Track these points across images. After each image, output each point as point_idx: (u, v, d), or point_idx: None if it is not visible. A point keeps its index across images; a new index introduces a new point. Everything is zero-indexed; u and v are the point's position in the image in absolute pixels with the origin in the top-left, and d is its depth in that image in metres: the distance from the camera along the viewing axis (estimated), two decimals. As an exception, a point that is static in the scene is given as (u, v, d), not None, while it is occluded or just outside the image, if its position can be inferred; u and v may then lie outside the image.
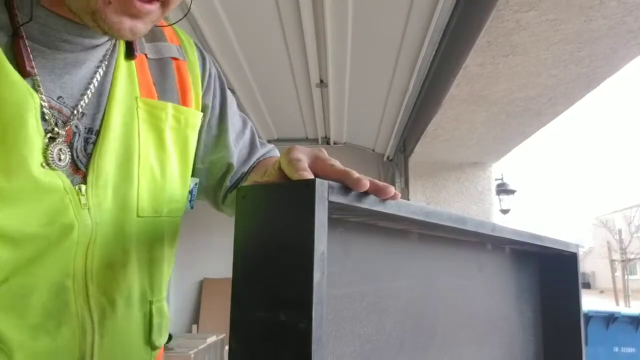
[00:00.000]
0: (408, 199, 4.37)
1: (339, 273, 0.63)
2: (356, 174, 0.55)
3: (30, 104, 0.55)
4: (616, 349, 4.82)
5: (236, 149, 0.84)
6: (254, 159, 0.88)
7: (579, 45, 2.18)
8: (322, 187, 0.51)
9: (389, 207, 0.60)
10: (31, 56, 0.56)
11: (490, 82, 2.61)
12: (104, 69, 0.64)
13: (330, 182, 0.53)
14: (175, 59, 0.73)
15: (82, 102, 0.61)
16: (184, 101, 0.72)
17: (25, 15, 0.56)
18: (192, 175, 0.80)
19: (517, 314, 1.07)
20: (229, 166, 0.83)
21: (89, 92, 0.62)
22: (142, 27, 0.57)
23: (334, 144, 4.89)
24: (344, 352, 0.63)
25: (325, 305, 0.50)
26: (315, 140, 4.86)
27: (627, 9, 1.89)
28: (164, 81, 0.71)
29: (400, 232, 0.75)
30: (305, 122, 4.41)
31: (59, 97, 0.60)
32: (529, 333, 1.10)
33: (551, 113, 3.10)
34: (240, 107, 0.94)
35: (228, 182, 0.84)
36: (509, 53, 2.28)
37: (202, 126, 0.79)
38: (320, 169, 0.58)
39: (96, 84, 0.63)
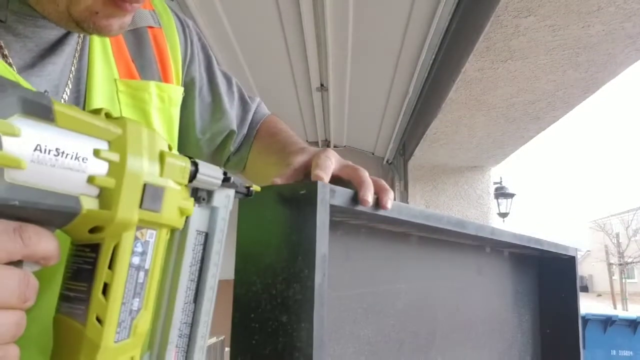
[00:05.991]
0: (407, 202, 4.38)
1: (339, 275, 0.64)
2: (365, 191, 0.57)
3: None
4: (614, 352, 4.82)
5: (232, 111, 0.84)
6: (249, 116, 0.87)
7: (577, 50, 2.20)
8: (324, 190, 0.52)
9: (389, 211, 0.61)
10: (5, 51, 0.51)
11: (489, 86, 2.63)
12: (79, 51, 0.58)
13: (332, 186, 0.54)
14: (150, 27, 0.68)
15: (65, 94, 0.56)
16: (164, 74, 0.68)
17: None
18: (190, 149, 0.79)
19: (516, 316, 1.07)
20: (231, 132, 0.83)
21: (69, 81, 0.57)
22: (129, 19, 0.54)
23: (334, 147, 4.90)
24: (343, 353, 0.64)
25: (326, 306, 0.51)
26: (316, 144, 4.86)
27: (625, 15, 1.90)
28: (142, 55, 0.66)
29: (400, 235, 0.76)
30: (306, 126, 4.42)
31: (45, 92, 0.57)
32: (528, 336, 1.10)
33: (550, 117, 3.11)
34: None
35: (231, 147, 0.85)
36: (508, 58, 2.29)
37: (193, 98, 0.78)
38: (345, 174, 0.61)
39: (74, 71, 0.57)
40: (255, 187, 0.50)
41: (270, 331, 0.51)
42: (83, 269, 0.35)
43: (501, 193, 6.57)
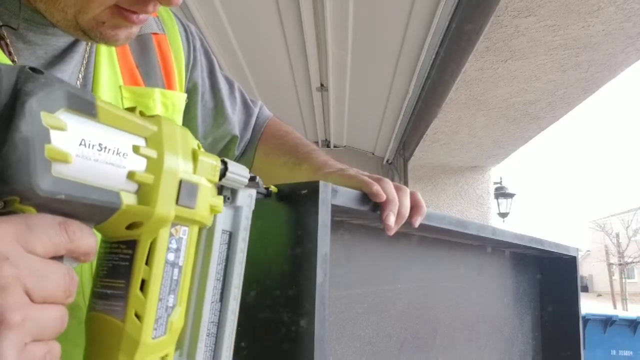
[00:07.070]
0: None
1: (340, 274, 0.64)
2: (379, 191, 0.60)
3: None
4: (614, 352, 4.82)
5: (234, 116, 0.84)
6: (252, 120, 0.88)
7: (577, 50, 2.20)
8: (325, 190, 0.52)
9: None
10: (15, 58, 0.52)
11: (490, 86, 2.63)
12: (86, 59, 0.59)
13: (334, 186, 0.54)
14: (154, 34, 0.69)
15: None
16: (167, 81, 0.69)
17: (6, 10, 0.51)
18: None
19: (517, 316, 1.07)
20: (233, 137, 0.84)
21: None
22: (137, 30, 0.54)
23: (334, 147, 4.90)
24: (344, 353, 0.64)
25: (327, 306, 0.51)
26: (316, 143, 4.85)
27: (625, 15, 1.90)
28: (147, 62, 0.66)
29: (401, 235, 0.76)
30: (306, 125, 4.42)
31: None
32: (528, 336, 1.10)
33: (550, 117, 3.11)
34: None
35: (235, 151, 0.85)
36: (508, 58, 2.29)
37: (196, 103, 0.78)
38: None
39: (81, 78, 0.58)
40: (273, 188, 0.50)
41: (272, 331, 0.51)
42: (119, 266, 0.35)
43: (501, 193, 6.58)
